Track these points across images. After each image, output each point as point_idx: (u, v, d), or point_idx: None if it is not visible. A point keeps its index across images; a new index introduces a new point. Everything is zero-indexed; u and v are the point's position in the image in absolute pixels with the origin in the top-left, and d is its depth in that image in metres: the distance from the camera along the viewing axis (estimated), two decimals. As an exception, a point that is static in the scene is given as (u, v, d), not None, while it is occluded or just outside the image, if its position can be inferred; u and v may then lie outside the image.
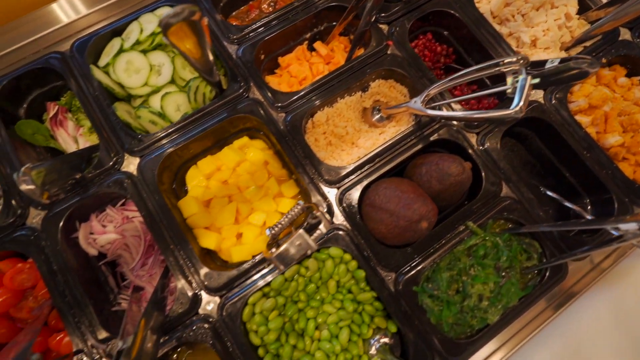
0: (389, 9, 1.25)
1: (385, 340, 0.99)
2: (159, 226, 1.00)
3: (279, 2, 1.40)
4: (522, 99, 0.86)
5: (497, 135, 1.12)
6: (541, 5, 1.29)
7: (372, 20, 1.18)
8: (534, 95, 1.18)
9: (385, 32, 1.23)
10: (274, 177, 1.16)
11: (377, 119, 1.22)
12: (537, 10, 1.29)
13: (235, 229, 1.10)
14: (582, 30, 1.27)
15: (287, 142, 1.09)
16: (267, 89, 1.13)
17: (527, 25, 1.24)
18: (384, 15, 1.24)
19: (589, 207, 1.16)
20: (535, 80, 0.91)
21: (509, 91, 0.93)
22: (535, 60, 0.98)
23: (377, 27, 1.22)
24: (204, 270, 0.97)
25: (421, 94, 1.06)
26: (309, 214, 0.90)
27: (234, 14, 1.40)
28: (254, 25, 1.20)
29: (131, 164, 1.06)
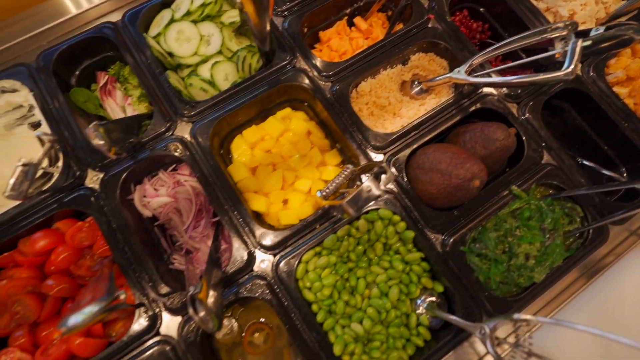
0: (428, -15, 1.28)
1: (432, 299, 1.02)
2: (212, 188, 1.04)
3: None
4: (574, 62, 0.89)
5: (538, 105, 1.15)
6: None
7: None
8: (571, 68, 1.21)
9: (425, 6, 1.26)
10: (317, 147, 1.20)
11: (417, 91, 1.25)
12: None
13: (281, 195, 1.13)
14: (616, 6, 1.30)
15: (335, 109, 1.12)
16: (314, 59, 1.16)
17: None
18: (423, -10, 1.27)
19: (625, 175, 1.19)
20: (586, 42, 0.94)
21: (558, 56, 0.96)
22: (578, 30, 1.01)
23: (417, 1, 1.26)
24: (259, 230, 1.00)
25: (465, 63, 1.09)
26: (364, 173, 0.93)
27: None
28: (299, -2, 1.24)
29: (184, 129, 1.10)
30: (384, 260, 1.02)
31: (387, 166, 0.78)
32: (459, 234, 1.02)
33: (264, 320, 1.02)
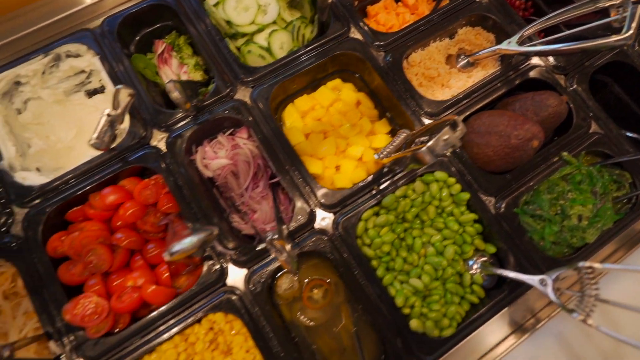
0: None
1: (484, 259, 1.05)
2: (273, 149, 1.07)
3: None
4: (633, 26, 0.92)
5: (585, 77, 1.18)
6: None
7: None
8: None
9: (472, -18, 1.30)
10: (366, 116, 1.23)
11: (463, 64, 1.28)
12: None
13: (334, 161, 1.16)
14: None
15: (389, 78, 1.16)
16: (367, 29, 1.20)
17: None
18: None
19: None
20: (647, 7, 0.97)
21: (615, 23, 1.00)
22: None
23: (465, -24, 1.29)
24: (320, 190, 1.04)
25: (516, 34, 1.12)
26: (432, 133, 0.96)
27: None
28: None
29: (244, 93, 1.13)
30: (437, 222, 1.06)
31: (460, 120, 0.81)
32: (512, 197, 1.06)
33: (322, 277, 1.06)
